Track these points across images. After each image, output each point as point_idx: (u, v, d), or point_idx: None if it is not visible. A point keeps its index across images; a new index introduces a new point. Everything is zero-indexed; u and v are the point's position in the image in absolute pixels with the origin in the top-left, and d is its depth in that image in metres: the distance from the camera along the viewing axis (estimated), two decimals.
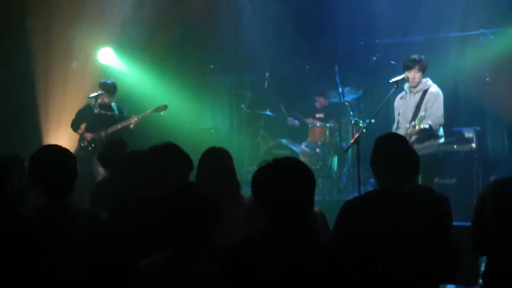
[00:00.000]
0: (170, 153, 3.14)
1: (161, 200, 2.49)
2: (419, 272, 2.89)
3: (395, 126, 6.39)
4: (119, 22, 8.51)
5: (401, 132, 6.08)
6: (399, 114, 6.36)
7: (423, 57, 6.22)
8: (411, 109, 6.17)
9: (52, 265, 2.80)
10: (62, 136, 7.67)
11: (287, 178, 2.21)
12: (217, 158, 3.76)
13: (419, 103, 6.13)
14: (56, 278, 2.79)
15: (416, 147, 5.69)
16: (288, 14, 9.13)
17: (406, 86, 6.29)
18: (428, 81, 6.23)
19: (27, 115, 7.84)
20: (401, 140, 3.24)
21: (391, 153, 3.08)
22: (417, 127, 5.85)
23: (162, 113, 7.51)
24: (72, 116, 7.48)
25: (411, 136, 5.94)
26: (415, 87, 6.20)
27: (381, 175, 3.09)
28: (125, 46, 8.78)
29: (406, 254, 2.86)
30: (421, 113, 5.97)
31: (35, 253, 2.81)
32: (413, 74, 6.16)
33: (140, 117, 7.36)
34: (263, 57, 9.47)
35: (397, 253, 2.85)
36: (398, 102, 6.43)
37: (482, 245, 3.19)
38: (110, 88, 7.34)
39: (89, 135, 7.25)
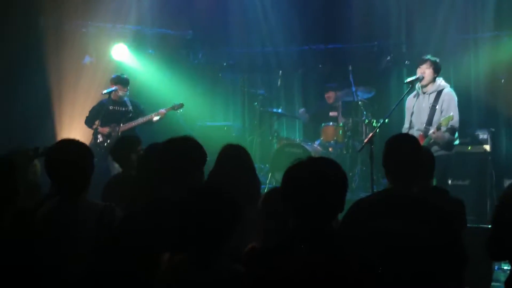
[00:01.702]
0: (187, 147, 3.12)
1: (182, 200, 2.44)
2: (421, 277, 2.84)
3: (407, 125, 6.35)
4: (132, 20, 8.53)
5: (415, 132, 6.05)
6: (412, 114, 6.32)
7: (436, 58, 6.19)
8: (426, 110, 6.12)
9: (60, 262, 2.78)
10: (75, 132, 7.68)
11: (326, 178, 2.12)
12: (237, 155, 3.72)
13: (434, 104, 6.09)
14: (64, 275, 2.78)
15: (432, 148, 5.66)
16: (302, 14, 9.13)
17: (418, 86, 6.25)
18: (441, 82, 6.20)
19: (41, 112, 7.87)
20: (412, 141, 3.19)
21: (401, 154, 3.04)
22: (442, 128, 5.83)
23: (178, 111, 7.54)
24: (85, 113, 7.52)
25: (435, 140, 5.91)
26: (426, 85, 6.16)
27: (391, 176, 3.06)
28: (138, 43, 8.80)
29: (408, 258, 2.82)
30: (450, 113, 5.93)
31: (41, 249, 2.79)
32: (423, 70, 6.13)
33: (165, 111, 7.36)
34: (276, 55, 9.47)
35: (399, 257, 2.82)
36: (410, 102, 6.39)
37: (501, 251, 3.03)
38: (123, 81, 7.37)
39: (104, 130, 7.29)
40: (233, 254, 2.46)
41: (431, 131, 5.98)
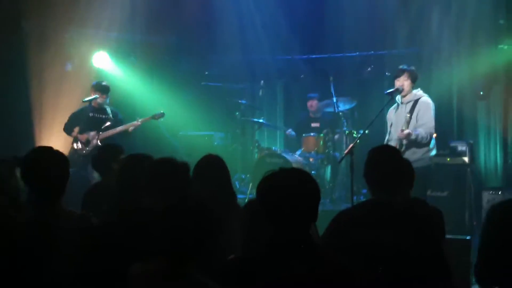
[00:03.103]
0: (167, 168, 3.14)
1: (158, 211, 2.44)
2: (407, 285, 2.86)
3: (387, 137, 6.41)
4: (115, 26, 8.50)
5: (393, 143, 6.10)
6: (391, 125, 6.38)
7: (412, 67, 6.25)
8: (403, 120, 6.18)
9: (41, 270, 2.76)
10: (56, 139, 7.62)
11: (299, 188, 2.18)
12: (213, 166, 3.73)
13: (410, 114, 6.14)
14: (45, 283, 2.76)
15: (409, 159, 5.69)
16: (284, 25, 9.18)
17: (398, 97, 6.31)
18: (419, 92, 6.24)
19: (20, 117, 7.78)
20: (394, 152, 3.23)
21: (384, 165, 3.07)
22: (405, 131, 5.88)
23: (159, 121, 7.53)
24: (66, 119, 7.46)
25: (402, 141, 5.96)
26: (405, 96, 6.22)
27: (373, 186, 3.08)
28: (120, 50, 8.77)
29: (392, 268, 2.84)
30: (408, 115, 6.00)
31: (23, 258, 2.77)
32: (401, 82, 6.18)
33: (141, 121, 7.36)
34: (258, 65, 9.50)
35: (383, 268, 2.83)
36: (390, 114, 6.44)
37: (491, 276, 2.68)
38: (103, 88, 7.34)
39: (83, 137, 7.24)
40: (212, 266, 2.46)
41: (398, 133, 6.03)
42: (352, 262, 2.54)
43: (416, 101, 6.15)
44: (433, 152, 6.23)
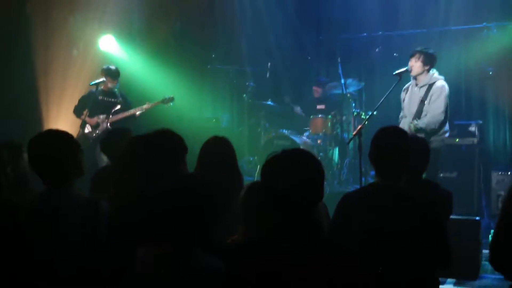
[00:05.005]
0: (164, 139, 3.10)
1: (160, 193, 2.42)
2: (408, 271, 2.86)
3: (401, 114, 6.37)
4: (121, 10, 8.45)
5: (405, 123, 6.07)
6: (404, 104, 6.33)
7: (429, 50, 6.16)
8: (416, 103, 6.12)
9: (46, 255, 2.74)
10: (63, 123, 7.63)
11: (301, 168, 2.14)
12: (220, 148, 3.71)
13: (423, 98, 6.09)
14: (51, 268, 2.74)
15: None
16: (290, 6, 9.10)
17: (412, 77, 6.26)
18: (434, 74, 6.15)
19: (27, 102, 7.79)
20: (400, 134, 3.15)
21: (388, 147, 3.01)
22: (412, 128, 5.88)
23: (168, 105, 7.49)
24: (73, 104, 7.46)
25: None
26: (418, 78, 6.15)
27: (377, 169, 3.04)
28: (126, 34, 8.73)
29: (393, 253, 2.84)
30: (415, 121, 5.99)
31: (25, 243, 2.76)
32: (412, 63, 6.13)
33: (150, 106, 7.34)
34: (265, 47, 9.44)
35: (388, 251, 2.83)
36: (403, 93, 6.41)
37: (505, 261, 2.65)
38: (113, 73, 7.33)
39: (92, 120, 7.24)
40: (215, 248, 2.45)
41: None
42: (355, 246, 2.53)
43: (430, 86, 6.09)
44: (446, 135, 6.19)
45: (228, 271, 2.28)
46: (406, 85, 6.36)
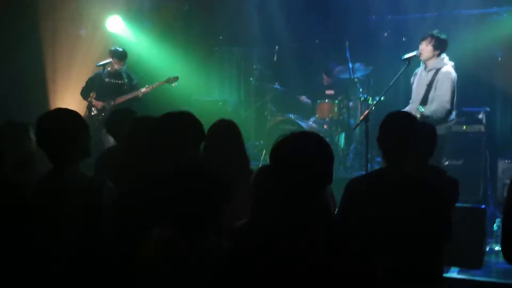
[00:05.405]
0: (183, 122, 3.09)
1: (168, 176, 2.42)
2: (414, 257, 2.88)
3: (411, 99, 6.33)
4: None
5: (412, 108, 6.03)
6: (413, 88, 6.29)
7: (441, 35, 6.08)
8: (423, 88, 6.07)
9: (49, 236, 2.74)
10: (69, 103, 7.62)
11: (311, 150, 2.13)
12: (227, 131, 3.70)
13: (430, 82, 6.04)
14: (54, 249, 2.74)
15: None
16: None
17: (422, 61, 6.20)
18: (443, 60, 6.07)
19: (34, 82, 7.79)
20: (408, 118, 3.15)
21: (396, 131, 3.03)
22: (418, 116, 5.83)
23: (173, 85, 7.49)
24: (79, 84, 7.47)
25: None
26: (428, 62, 6.09)
27: (385, 154, 3.05)
28: (133, 14, 8.68)
29: (404, 236, 2.85)
30: (420, 108, 5.93)
31: (28, 224, 2.75)
32: (422, 47, 6.04)
33: (151, 87, 7.36)
34: (273, 30, 9.37)
35: (396, 236, 2.85)
36: (413, 77, 6.36)
37: None
38: (121, 54, 7.34)
39: (98, 103, 7.25)
40: (223, 231, 2.45)
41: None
42: (362, 230, 2.53)
43: (438, 70, 6.01)
44: (452, 123, 6.14)
45: (236, 252, 2.28)
46: (417, 70, 6.31)
